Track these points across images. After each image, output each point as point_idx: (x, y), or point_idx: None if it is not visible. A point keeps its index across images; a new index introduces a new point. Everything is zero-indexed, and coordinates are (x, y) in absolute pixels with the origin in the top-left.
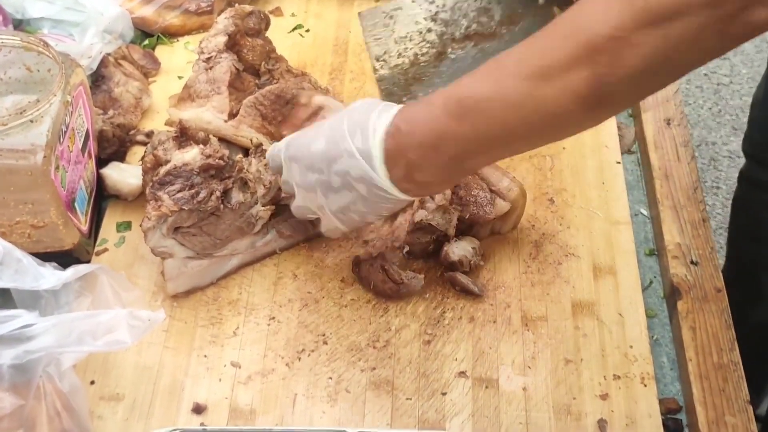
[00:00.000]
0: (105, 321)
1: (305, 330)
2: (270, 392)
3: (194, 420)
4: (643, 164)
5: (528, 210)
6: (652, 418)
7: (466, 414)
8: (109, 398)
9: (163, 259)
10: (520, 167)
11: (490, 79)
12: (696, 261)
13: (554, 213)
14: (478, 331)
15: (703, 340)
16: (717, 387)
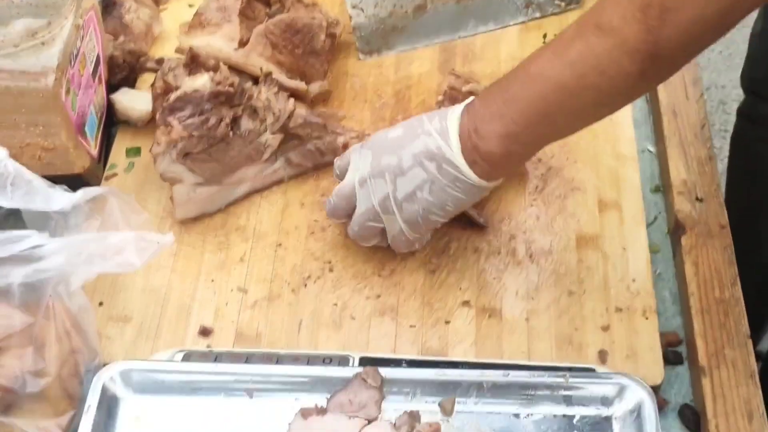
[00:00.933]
0: (114, 243)
1: (311, 257)
2: (276, 317)
3: (201, 342)
4: (651, 101)
5: None
6: (652, 351)
7: (469, 342)
8: (117, 319)
9: (172, 185)
10: None
11: (551, 46)
12: (701, 198)
13: (561, 148)
14: (483, 262)
15: (705, 276)
16: (718, 321)
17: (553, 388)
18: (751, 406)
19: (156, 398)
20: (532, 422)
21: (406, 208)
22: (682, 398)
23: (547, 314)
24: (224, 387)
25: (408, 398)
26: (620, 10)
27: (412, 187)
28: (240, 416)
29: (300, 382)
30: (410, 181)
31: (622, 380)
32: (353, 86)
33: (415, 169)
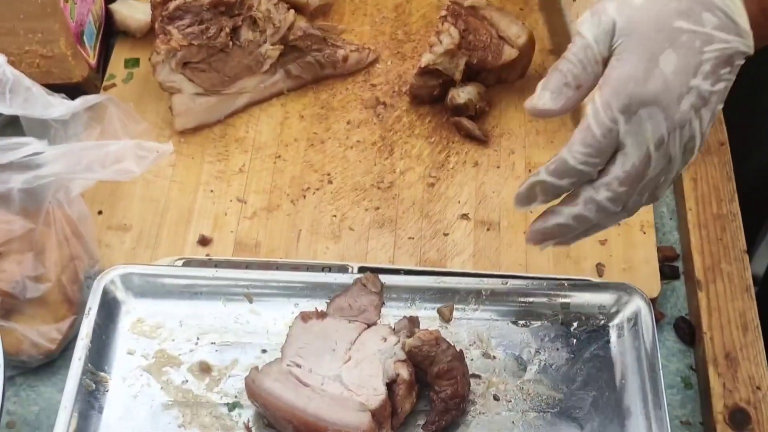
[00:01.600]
0: (113, 151)
1: (310, 169)
2: (275, 227)
3: (200, 251)
4: None
5: (536, 59)
6: (649, 264)
7: (467, 254)
8: (116, 228)
9: (172, 95)
10: (530, 17)
11: None
12: None
13: None
14: (482, 176)
15: (703, 191)
16: (715, 236)
17: (552, 297)
18: (746, 319)
19: (156, 302)
20: (531, 329)
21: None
22: (677, 311)
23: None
24: (224, 292)
25: (407, 305)
26: None
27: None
28: (239, 320)
29: (299, 288)
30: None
31: (620, 290)
32: (353, 0)
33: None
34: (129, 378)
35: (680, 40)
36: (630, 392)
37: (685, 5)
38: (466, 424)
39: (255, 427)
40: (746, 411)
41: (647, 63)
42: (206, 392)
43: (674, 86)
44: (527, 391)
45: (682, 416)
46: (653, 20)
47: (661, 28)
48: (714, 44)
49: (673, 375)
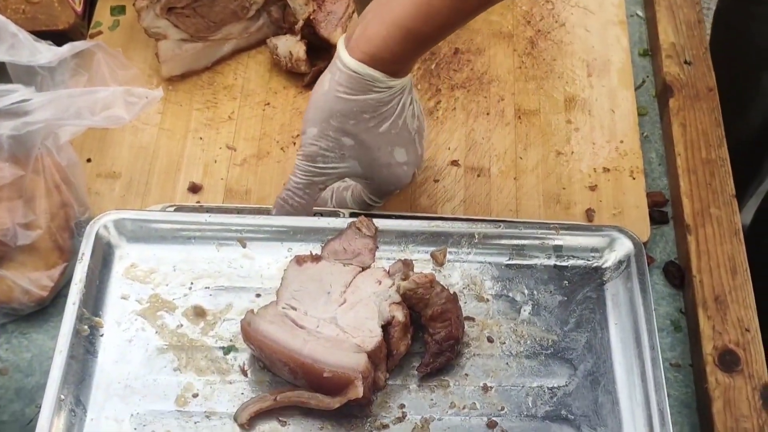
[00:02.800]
0: (102, 97)
1: (300, 116)
2: (265, 174)
3: (190, 198)
4: None
5: (523, 6)
6: (639, 209)
7: (458, 200)
8: (106, 176)
9: (157, 41)
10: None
11: None
12: (689, 61)
13: (550, 11)
14: (472, 122)
15: (692, 136)
16: (704, 180)
17: (544, 240)
18: (735, 262)
19: (150, 247)
20: (524, 272)
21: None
22: (667, 256)
23: (535, 174)
24: (217, 237)
25: (400, 249)
26: None
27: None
28: (233, 265)
29: (292, 233)
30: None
31: (611, 232)
32: None
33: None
34: (123, 322)
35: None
36: (623, 333)
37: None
38: (460, 365)
39: (250, 370)
40: (735, 352)
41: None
42: (201, 336)
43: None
44: (521, 333)
45: (672, 359)
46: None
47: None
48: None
49: (662, 318)
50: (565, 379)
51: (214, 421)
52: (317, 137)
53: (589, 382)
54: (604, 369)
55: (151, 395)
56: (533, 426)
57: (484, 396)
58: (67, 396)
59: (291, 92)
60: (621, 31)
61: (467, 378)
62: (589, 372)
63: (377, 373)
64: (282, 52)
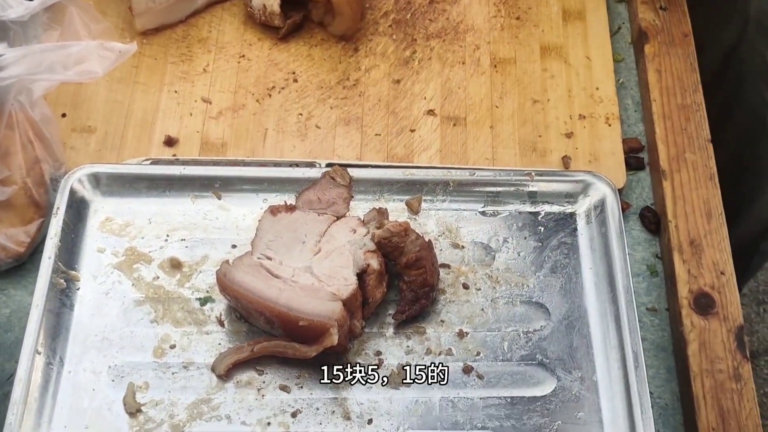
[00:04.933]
0: (75, 52)
1: (275, 68)
2: (241, 127)
3: (166, 152)
4: None
5: None
6: (615, 156)
7: (434, 149)
8: (81, 130)
9: None
10: None
11: None
12: (665, 6)
13: None
14: (447, 72)
15: (668, 82)
16: (679, 126)
17: (519, 186)
18: (710, 206)
19: (125, 200)
20: (499, 219)
21: None
22: (643, 202)
23: (511, 122)
24: (192, 189)
25: (375, 198)
26: None
27: None
28: (208, 216)
29: (267, 183)
30: None
31: (585, 177)
32: None
33: None
34: (100, 276)
35: None
36: (597, 277)
37: None
38: (436, 312)
39: (227, 320)
40: (710, 295)
41: None
42: (177, 288)
43: None
44: (496, 278)
45: (648, 303)
46: None
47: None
48: None
49: (639, 263)
50: (541, 323)
51: (192, 371)
52: None
53: (563, 326)
54: (578, 313)
55: (128, 347)
56: (509, 370)
57: (460, 342)
58: (45, 349)
59: (266, 44)
60: None
61: (443, 324)
62: (564, 316)
63: (353, 321)
64: (256, 5)
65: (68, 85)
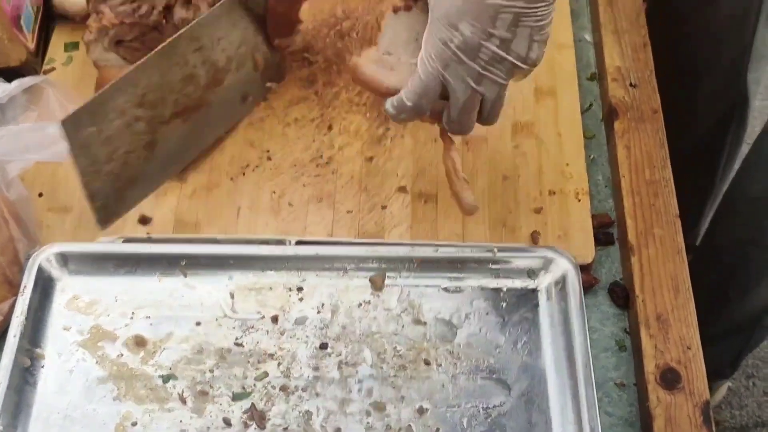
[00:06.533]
0: (52, 132)
1: (250, 147)
2: (214, 205)
3: (140, 230)
4: None
5: None
6: (584, 231)
7: (405, 226)
8: (57, 210)
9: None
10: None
11: None
12: (635, 83)
13: None
14: (420, 149)
15: (636, 158)
16: (648, 201)
17: (482, 262)
18: (678, 281)
19: (92, 279)
20: (461, 295)
21: (484, 51)
22: (612, 276)
23: (482, 198)
24: (159, 267)
25: (339, 274)
26: None
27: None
28: (174, 294)
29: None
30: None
31: (547, 253)
32: None
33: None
34: (64, 353)
35: (472, 9)
36: (557, 353)
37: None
38: (396, 388)
39: (189, 397)
40: (676, 370)
41: (448, 29)
42: (141, 365)
43: (471, 41)
44: (457, 354)
45: (617, 378)
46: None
47: (456, 4)
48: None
49: (608, 338)
50: (500, 399)
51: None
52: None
53: (523, 402)
54: (538, 389)
55: (90, 425)
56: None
57: (420, 418)
58: (7, 427)
59: (241, 124)
60: (569, 55)
61: (403, 401)
62: (524, 392)
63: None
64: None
65: (47, 164)
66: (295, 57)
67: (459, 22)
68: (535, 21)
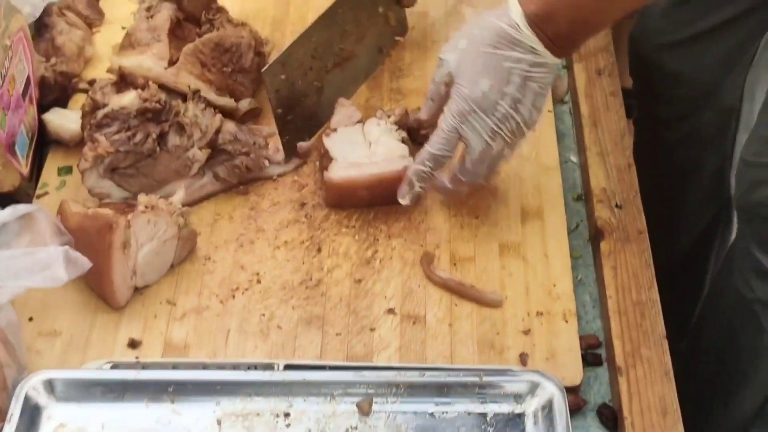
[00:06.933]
0: (42, 258)
1: (240, 269)
2: (204, 328)
3: (129, 353)
4: (574, 113)
5: None
6: (572, 352)
7: (393, 348)
8: (46, 334)
9: (101, 200)
10: None
11: None
12: (620, 204)
13: None
14: (408, 270)
15: (623, 279)
16: (635, 322)
17: (468, 387)
18: (666, 403)
19: (79, 406)
20: (447, 420)
21: (499, 109)
22: (601, 398)
23: (470, 320)
24: (147, 393)
25: (326, 400)
26: None
27: (514, 89)
28: (161, 420)
29: (221, 386)
30: (512, 86)
31: (533, 377)
32: None
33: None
34: None
35: (492, 65)
36: None
37: (494, 41)
38: None
39: None
40: None
41: (471, 85)
42: None
43: (490, 97)
44: None
45: None
46: (473, 56)
47: (479, 60)
48: (518, 63)
49: None
50: None
51: None
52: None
53: None
54: None
55: None
56: None
57: None
58: None
59: (232, 246)
60: (555, 176)
61: None
62: None
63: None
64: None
65: (37, 288)
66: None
67: (479, 80)
68: (537, 86)
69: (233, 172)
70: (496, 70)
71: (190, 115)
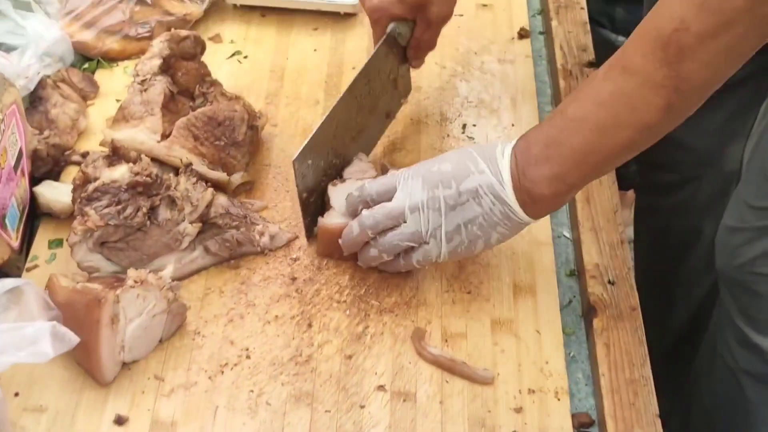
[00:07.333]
0: (29, 333)
1: (229, 345)
2: (192, 404)
3: (116, 430)
4: None
5: None
6: (563, 431)
7: (383, 426)
8: (32, 410)
9: (90, 275)
10: None
11: (582, 91)
12: (613, 281)
13: None
14: (399, 347)
15: (616, 357)
16: (627, 401)
17: None
18: None
19: None
20: None
21: (454, 238)
22: None
23: (461, 397)
24: None
25: None
26: (642, 51)
27: (463, 220)
28: None
29: None
30: (462, 215)
31: None
32: (276, 177)
33: (470, 204)
34: None
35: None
36: None
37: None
38: None
39: None
40: None
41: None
42: None
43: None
44: None
45: None
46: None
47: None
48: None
49: None
50: None
51: None
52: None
53: None
54: None
55: None
56: None
57: None
58: None
59: (221, 320)
60: (548, 252)
61: None
62: None
63: None
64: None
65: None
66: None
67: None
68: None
69: (224, 246)
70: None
71: (182, 189)
